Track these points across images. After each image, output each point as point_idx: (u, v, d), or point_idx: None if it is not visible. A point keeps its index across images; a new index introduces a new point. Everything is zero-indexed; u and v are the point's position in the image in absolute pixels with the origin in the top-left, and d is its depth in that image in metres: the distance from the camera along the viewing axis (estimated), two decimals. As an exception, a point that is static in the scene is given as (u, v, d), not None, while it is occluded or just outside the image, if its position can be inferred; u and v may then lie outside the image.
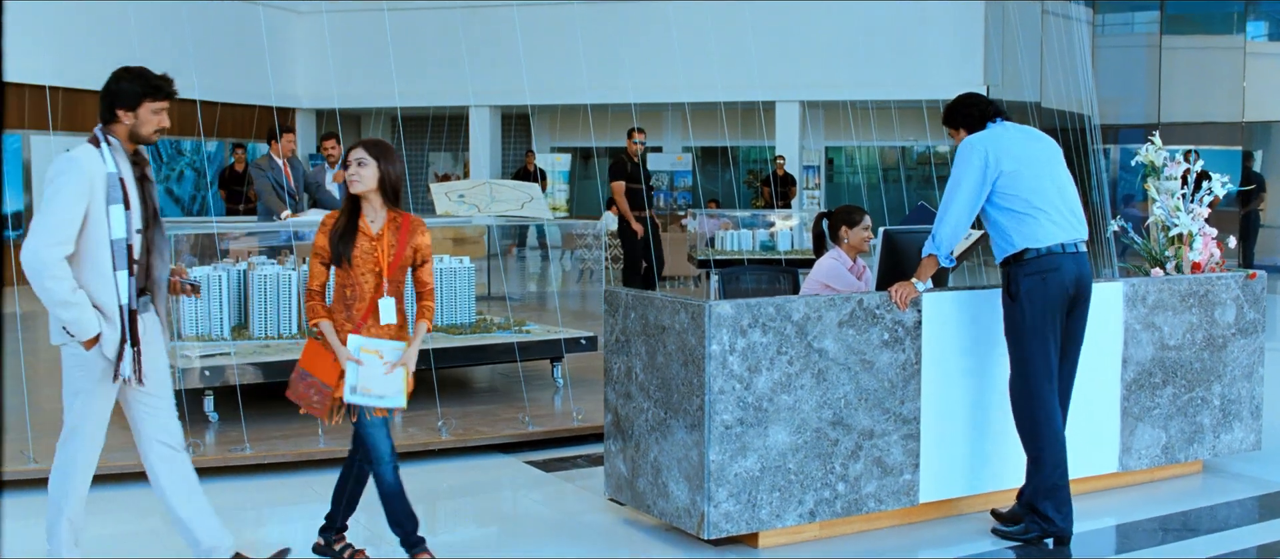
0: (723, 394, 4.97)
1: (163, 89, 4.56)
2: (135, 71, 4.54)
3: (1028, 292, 5.25)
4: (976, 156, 5.29)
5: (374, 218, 4.75)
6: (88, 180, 4.38)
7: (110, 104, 4.52)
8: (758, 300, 5.05)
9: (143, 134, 4.54)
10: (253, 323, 8.10)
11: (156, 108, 4.54)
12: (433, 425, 7.24)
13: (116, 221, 4.43)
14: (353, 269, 4.69)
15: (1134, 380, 6.15)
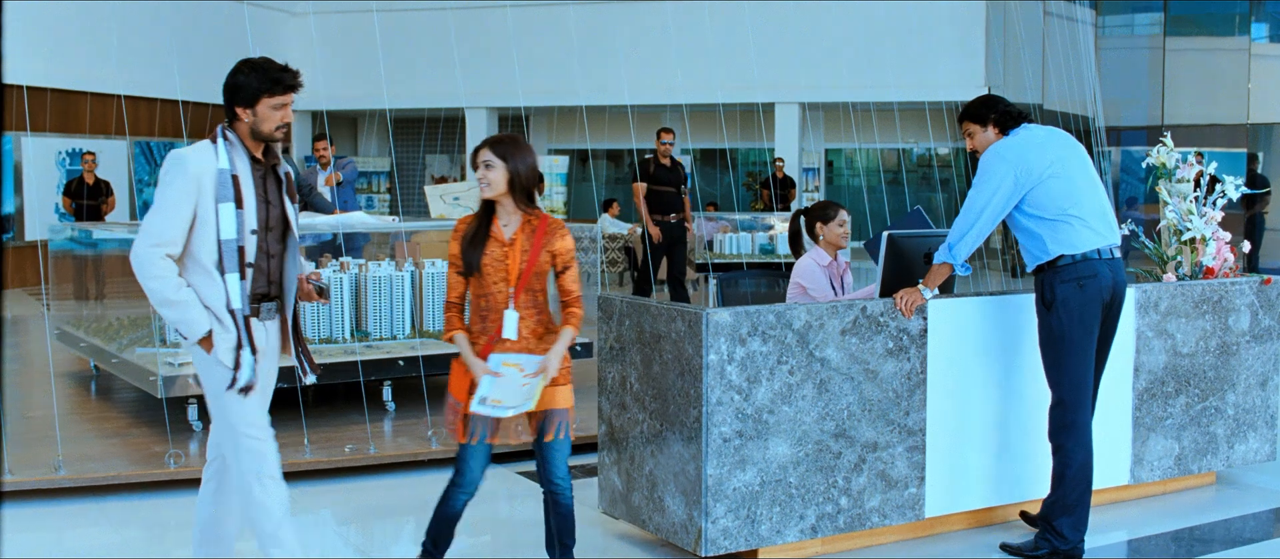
0: (721, 405, 4.77)
1: (283, 82, 4.21)
2: (254, 64, 4.22)
3: (1064, 300, 5.09)
4: (1008, 168, 5.12)
5: (507, 221, 4.36)
6: (194, 178, 4.10)
7: (230, 100, 4.23)
8: (757, 308, 4.85)
9: (264, 131, 4.22)
10: (239, 329, 7.90)
11: (276, 103, 4.21)
12: (422, 435, 7.04)
13: (226, 221, 4.13)
14: (484, 278, 4.32)
15: (1146, 389, 5.95)
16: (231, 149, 4.20)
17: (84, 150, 16.21)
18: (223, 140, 4.20)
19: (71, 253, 10.75)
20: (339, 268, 8.33)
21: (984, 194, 5.12)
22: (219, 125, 4.26)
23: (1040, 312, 5.20)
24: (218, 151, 4.16)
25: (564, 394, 4.43)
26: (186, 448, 6.79)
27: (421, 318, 8.41)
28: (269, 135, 4.23)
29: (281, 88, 4.20)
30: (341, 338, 8.01)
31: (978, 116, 5.32)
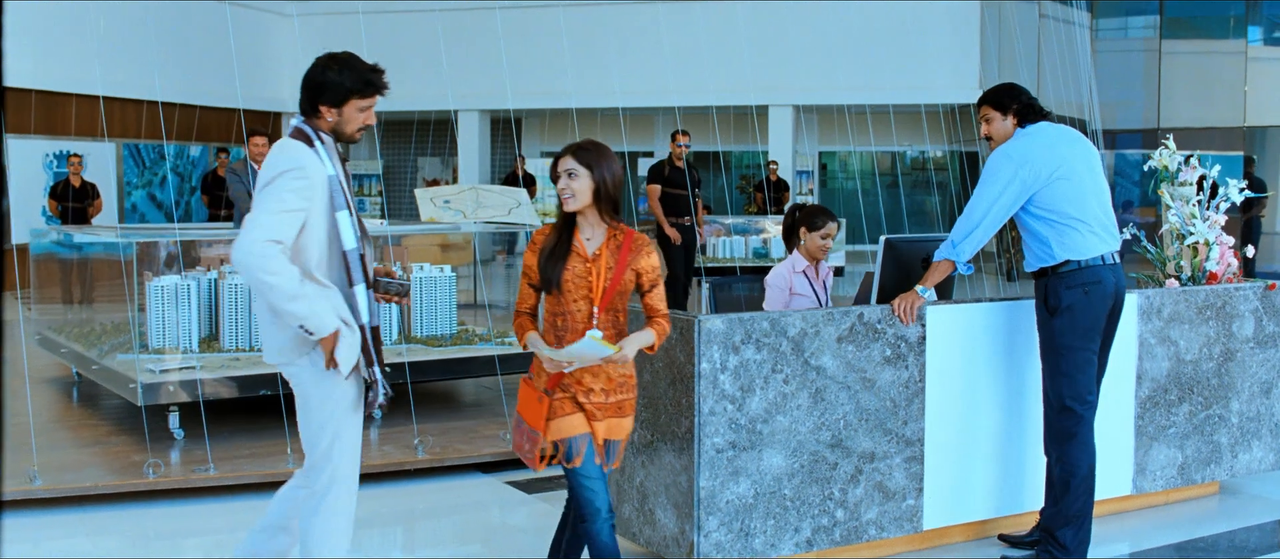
0: (713, 416, 4.62)
1: (374, 84, 4.01)
2: (344, 61, 3.98)
3: (1069, 306, 4.98)
4: (1015, 169, 4.98)
5: (591, 235, 4.02)
6: (313, 183, 3.86)
7: (313, 98, 3.98)
8: (751, 315, 4.71)
9: (345, 133, 4.04)
10: (223, 334, 7.74)
11: (363, 106, 4.02)
12: (409, 443, 6.88)
13: (346, 229, 3.91)
14: (564, 295, 3.99)
15: (1149, 397, 5.81)
16: (328, 151, 3.98)
17: (71, 152, 16.03)
18: (319, 143, 3.96)
19: (56, 256, 10.59)
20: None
21: (990, 193, 4.98)
22: (296, 121, 4.01)
23: (1041, 317, 5.08)
24: (321, 155, 3.93)
25: (630, 424, 4.18)
26: (167, 457, 6.64)
27: (408, 323, 8.26)
28: (351, 138, 4.05)
29: (372, 90, 4.02)
30: (327, 344, 7.84)
31: (999, 103, 5.16)
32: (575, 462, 4.01)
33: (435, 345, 8.00)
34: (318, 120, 4.00)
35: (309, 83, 3.98)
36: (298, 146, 3.89)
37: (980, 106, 5.23)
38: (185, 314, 7.61)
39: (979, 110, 5.25)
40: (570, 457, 4.01)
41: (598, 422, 4.05)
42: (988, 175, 5.02)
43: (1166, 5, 17.69)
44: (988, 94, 5.21)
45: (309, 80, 3.98)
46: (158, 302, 7.54)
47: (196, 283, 7.82)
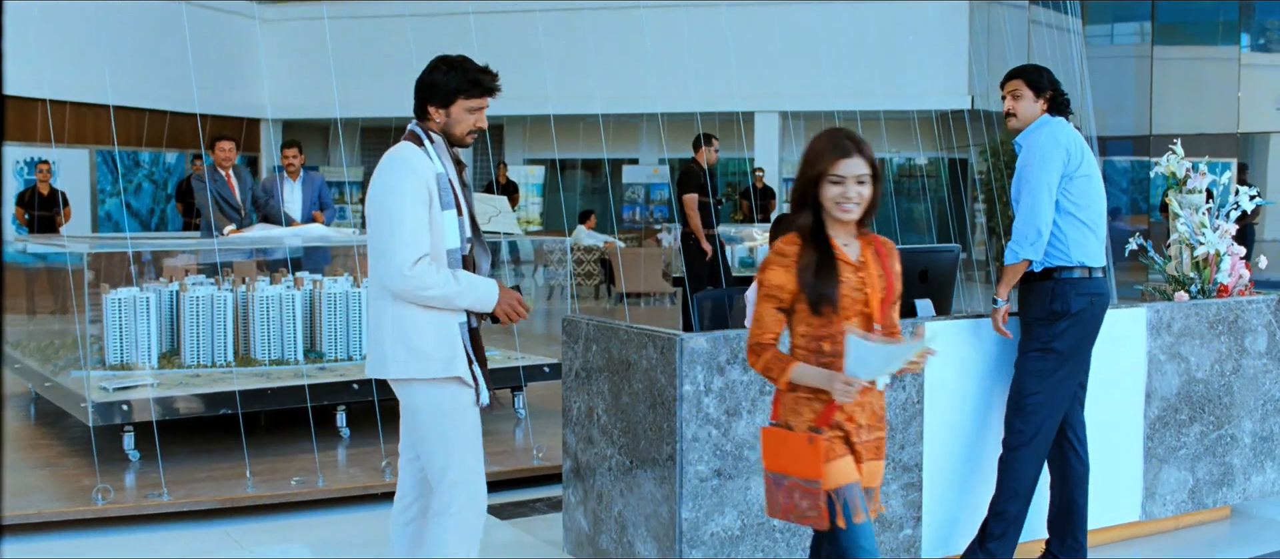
0: (697, 441, 4.28)
1: (481, 84, 3.96)
2: (452, 62, 3.96)
3: (1079, 314, 4.70)
4: (1060, 147, 4.72)
5: (846, 242, 3.47)
6: (422, 180, 3.84)
7: (423, 99, 3.97)
8: (737, 333, 4.37)
9: (456, 134, 3.98)
10: (184, 349, 7.38)
11: (472, 106, 3.96)
12: (376, 466, 6.52)
13: (451, 228, 3.89)
14: (836, 314, 3.40)
15: (1158, 417, 5.48)
16: (439, 151, 3.96)
17: (40, 159, 15.64)
18: (428, 142, 3.94)
19: (19, 267, 10.20)
20: (293, 284, 7.82)
21: (1045, 178, 4.66)
22: (412, 124, 3.99)
23: (1040, 320, 4.73)
24: (430, 154, 3.92)
25: (882, 468, 3.59)
26: (121, 480, 6.27)
27: (380, 337, 7.89)
28: (461, 139, 4.00)
29: (480, 90, 3.96)
30: (293, 359, 7.49)
31: (1035, 83, 4.82)
32: (857, 517, 3.35)
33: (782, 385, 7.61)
34: (428, 123, 3.99)
35: (419, 84, 3.99)
36: (404, 147, 3.92)
37: (1011, 79, 4.86)
38: (143, 328, 7.25)
39: (1007, 83, 4.88)
40: (850, 511, 3.35)
41: (862, 463, 3.46)
42: (1038, 158, 4.69)
43: (1159, 11, 17.44)
44: (1025, 69, 4.86)
45: (419, 82, 3.99)
46: (114, 315, 7.17)
47: (156, 295, 7.46)
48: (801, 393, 3.42)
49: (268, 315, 7.46)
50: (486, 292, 3.91)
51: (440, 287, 3.80)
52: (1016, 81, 4.84)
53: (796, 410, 3.43)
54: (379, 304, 3.91)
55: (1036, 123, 4.81)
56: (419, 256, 3.77)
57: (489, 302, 3.91)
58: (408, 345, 3.86)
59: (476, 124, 3.99)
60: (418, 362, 3.87)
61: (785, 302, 3.42)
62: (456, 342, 3.89)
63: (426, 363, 3.87)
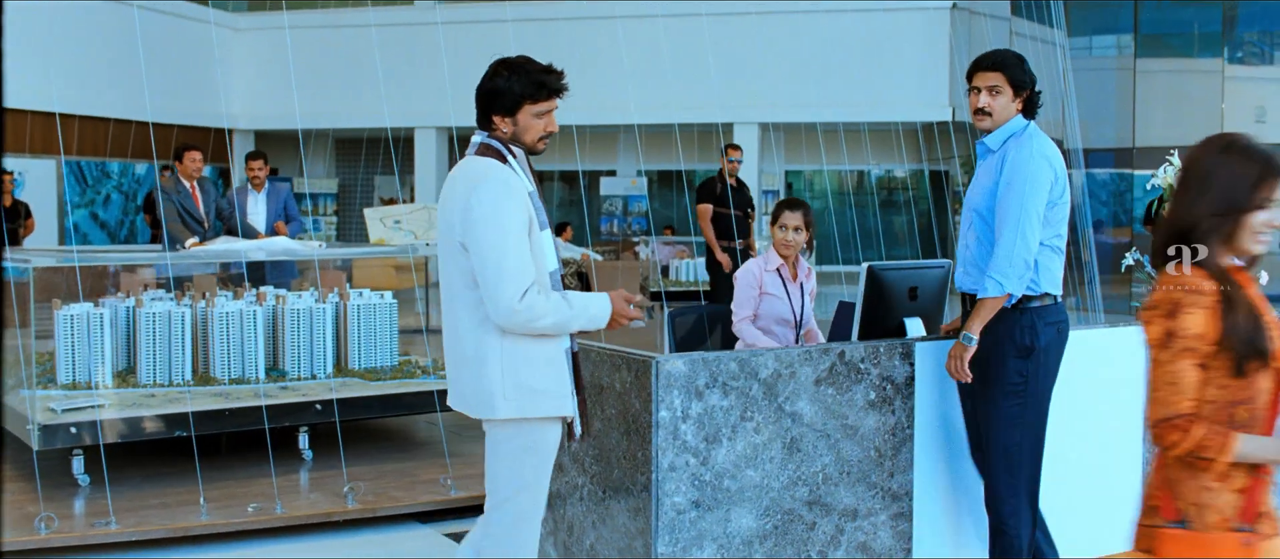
0: (674, 471, 4.01)
1: (547, 86, 3.67)
2: (513, 65, 3.68)
3: (1047, 347, 4.28)
4: (1049, 168, 4.26)
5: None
6: (520, 203, 3.57)
7: (486, 108, 3.68)
8: (717, 355, 4.10)
9: (526, 143, 3.70)
10: (140, 368, 7.07)
11: (540, 111, 3.68)
12: (338, 491, 6.22)
13: (549, 249, 3.65)
14: (1264, 371, 2.78)
15: (1157, 441, 5.23)
16: (522, 165, 3.70)
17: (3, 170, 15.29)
18: (511, 157, 3.66)
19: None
20: (255, 298, 7.52)
21: (1033, 197, 4.18)
22: (478, 135, 3.71)
23: (1011, 355, 4.27)
24: (516, 169, 3.64)
25: None
26: (68, 507, 5.96)
27: (345, 355, 7.60)
28: (532, 147, 3.71)
29: (546, 92, 3.67)
30: (255, 377, 7.18)
31: (1016, 79, 4.29)
32: None
33: (373, 379, 7.34)
34: (496, 132, 3.70)
35: (480, 92, 3.71)
36: (489, 165, 3.60)
37: (990, 70, 4.28)
38: (97, 346, 6.93)
39: (984, 75, 4.29)
40: None
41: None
42: (1029, 181, 4.20)
43: (1141, 23, 17.30)
44: (1006, 59, 4.29)
45: (480, 89, 3.71)
46: (67, 332, 6.86)
47: (112, 311, 7.16)
48: (1212, 474, 2.75)
49: (227, 332, 7.16)
50: (599, 308, 3.66)
51: (553, 314, 3.55)
52: (997, 75, 4.27)
53: (1204, 500, 2.75)
54: (484, 338, 3.59)
55: (1018, 131, 4.32)
56: (526, 288, 3.50)
57: (603, 317, 3.66)
58: (519, 383, 3.58)
59: (547, 129, 3.71)
60: (531, 400, 3.60)
61: (1213, 356, 2.75)
62: (566, 377, 3.65)
63: (540, 400, 3.61)
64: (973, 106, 4.30)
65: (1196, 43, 17.44)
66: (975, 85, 4.32)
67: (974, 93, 4.32)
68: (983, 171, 4.38)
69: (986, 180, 4.34)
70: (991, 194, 4.31)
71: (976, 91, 4.31)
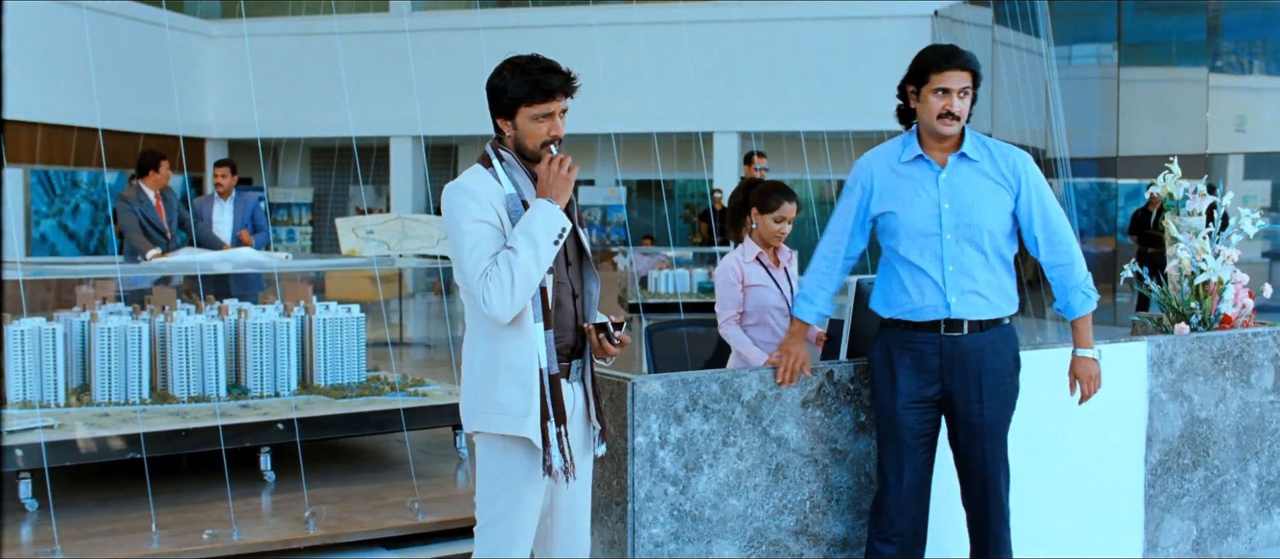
0: (651, 501, 3.73)
1: (543, 86, 3.37)
2: (517, 63, 3.42)
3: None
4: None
5: None
6: (480, 201, 3.32)
7: (491, 111, 3.47)
8: (697, 375, 3.83)
9: (528, 148, 3.42)
10: (95, 386, 6.75)
11: (538, 113, 3.38)
12: (299, 515, 5.91)
13: None
14: None
15: (1160, 462, 4.99)
16: (511, 170, 3.43)
17: (-34, 179, 14.94)
18: (496, 161, 3.42)
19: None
20: (217, 312, 7.21)
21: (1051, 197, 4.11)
22: (487, 145, 3.49)
23: (1006, 374, 4.05)
24: (498, 174, 3.40)
25: None
26: (16, 535, 5.65)
27: (310, 371, 7.30)
28: (534, 154, 3.41)
29: (541, 93, 3.37)
30: (216, 395, 6.88)
31: (978, 82, 4.03)
32: None
33: (339, 397, 7.03)
34: (503, 139, 3.49)
35: (487, 93, 3.48)
36: (465, 174, 3.43)
37: (962, 69, 3.95)
38: (49, 363, 6.62)
39: (958, 74, 3.94)
40: None
41: None
42: (1045, 187, 4.10)
43: (1125, 32, 17.13)
44: (975, 60, 4.00)
45: (486, 90, 3.48)
46: (16, 348, 6.55)
47: (65, 326, 6.85)
48: None
49: (187, 348, 6.85)
50: (541, 214, 3.28)
51: (507, 272, 3.23)
52: (969, 76, 3.96)
53: None
54: (471, 346, 3.45)
55: (980, 137, 4.07)
56: (484, 271, 3.28)
57: (555, 224, 3.28)
58: (486, 396, 3.39)
59: (550, 133, 3.40)
60: (490, 415, 3.40)
61: None
62: (532, 396, 3.35)
63: (496, 416, 3.39)
64: (940, 108, 3.93)
65: (1181, 51, 17.29)
66: (944, 86, 3.94)
67: (942, 95, 3.94)
68: (966, 186, 3.99)
69: (990, 196, 3.99)
70: (1002, 212, 4.00)
71: (944, 93, 3.94)
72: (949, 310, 3.92)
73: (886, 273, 4.05)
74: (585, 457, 3.55)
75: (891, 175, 4.01)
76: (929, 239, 3.92)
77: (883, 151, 4.12)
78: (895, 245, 3.99)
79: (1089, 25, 17.90)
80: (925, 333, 3.93)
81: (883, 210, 4.01)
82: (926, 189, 3.96)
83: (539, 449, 3.36)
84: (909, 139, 4.06)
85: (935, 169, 3.98)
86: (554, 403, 3.37)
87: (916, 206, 3.94)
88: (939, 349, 3.92)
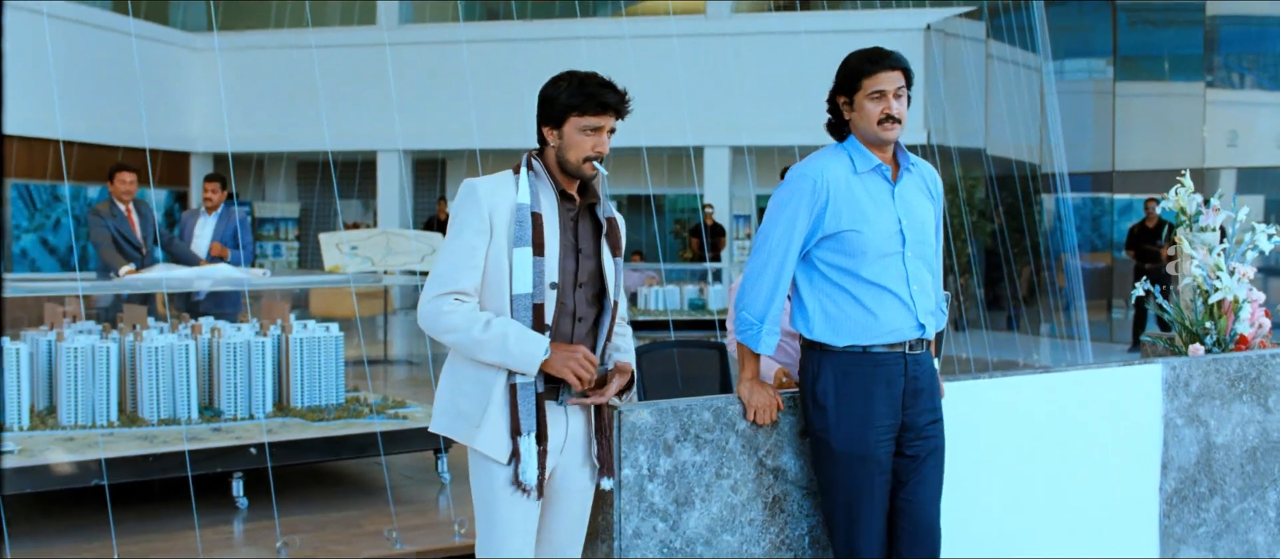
0: (640, 538, 3.47)
1: (597, 98, 3.30)
2: (575, 74, 3.37)
3: None
4: None
5: None
6: (485, 211, 3.27)
7: (538, 118, 3.41)
8: (688, 402, 3.57)
9: (570, 161, 3.33)
10: (61, 408, 6.48)
11: (588, 125, 3.29)
12: (271, 545, 5.64)
13: (520, 270, 3.26)
14: None
15: (1176, 491, 4.74)
16: (536, 181, 3.34)
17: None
18: (527, 170, 3.35)
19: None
20: (190, 331, 6.95)
21: None
22: (526, 153, 3.42)
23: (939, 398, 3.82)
24: (519, 183, 3.31)
25: None
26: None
27: (287, 392, 7.03)
28: (576, 167, 3.32)
29: (594, 105, 3.29)
30: (187, 417, 6.61)
31: (910, 80, 3.75)
32: None
33: (315, 419, 6.76)
34: (544, 150, 3.41)
35: (538, 101, 3.44)
36: (494, 175, 3.37)
37: (897, 69, 3.69)
38: (12, 384, 6.35)
39: (892, 73, 3.66)
40: None
41: None
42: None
43: (1120, 46, 16.96)
44: (904, 60, 3.74)
45: (538, 97, 3.44)
46: (-22, 369, 6.27)
47: (31, 345, 6.58)
48: None
49: (157, 368, 6.58)
50: (524, 351, 3.21)
51: (462, 330, 3.22)
52: (899, 74, 3.67)
53: None
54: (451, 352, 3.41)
55: (908, 153, 3.80)
56: (447, 292, 3.24)
57: (531, 362, 3.21)
58: (451, 402, 3.35)
59: (596, 149, 3.31)
60: (452, 421, 3.34)
61: None
62: (496, 408, 3.26)
63: (457, 423, 3.33)
64: (879, 113, 3.60)
65: (1176, 66, 17.12)
66: (878, 88, 3.62)
67: (878, 97, 3.62)
68: (914, 199, 3.71)
69: (928, 209, 3.75)
70: (934, 225, 3.78)
71: (880, 96, 3.62)
72: (922, 330, 3.66)
73: (830, 295, 3.62)
74: (582, 489, 3.41)
75: (848, 188, 3.64)
76: (891, 258, 3.62)
77: (831, 160, 3.71)
78: (851, 265, 3.59)
79: (1083, 39, 17.74)
80: (893, 355, 3.62)
81: (842, 227, 3.60)
82: (884, 203, 3.65)
83: (501, 462, 3.25)
84: (856, 147, 3.70)
85: (890, 182, 3.69)
86: (537, 419, 3.24)
87: (878, 222, 3.61)
88: (903, 371, 3.62)
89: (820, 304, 3.63)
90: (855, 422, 3.56)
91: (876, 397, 3.56)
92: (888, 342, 3.59)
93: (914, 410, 3.63)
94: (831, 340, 3.59)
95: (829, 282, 3.62)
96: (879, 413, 3.56)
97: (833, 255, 3.61)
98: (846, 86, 3.72)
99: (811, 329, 3.63)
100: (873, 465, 3.56)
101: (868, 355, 3.58)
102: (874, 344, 3.58)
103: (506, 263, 3.25)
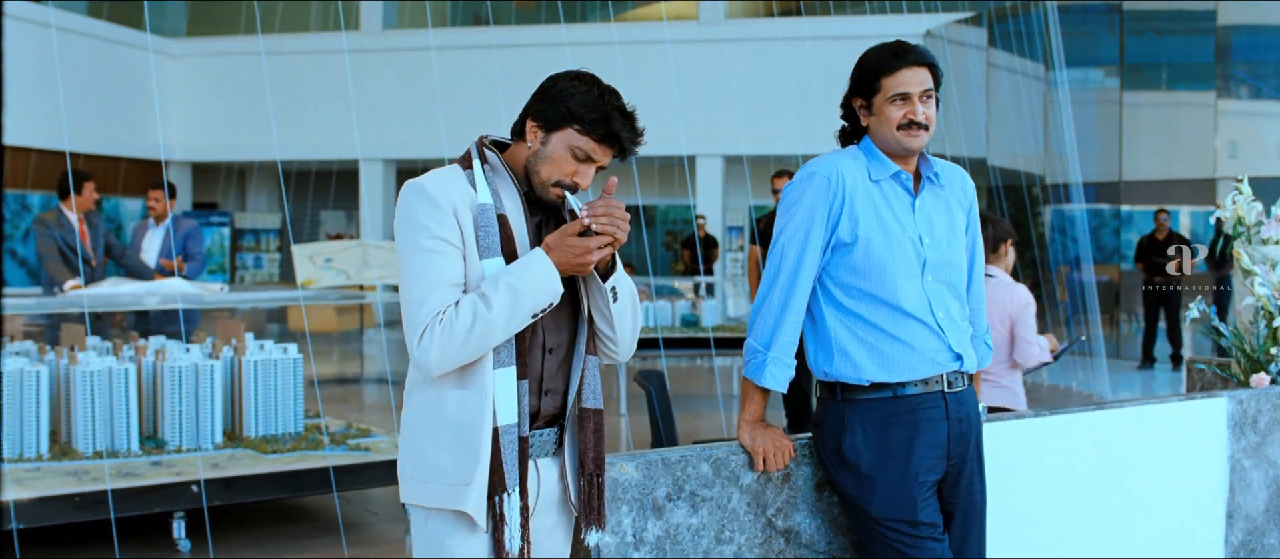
0: (622, 619, 2.85)
1: (609, 124, 2.67)
2: (601, 86, 2.72)
3: None
4: None
5: None
6: (439, 210, 2.59)
7: (528, 110, 2.74)
8: (683, 452, 2.95)
9: (540, 174, 2.68)
10: (77, 436, 5.88)
11: (582, 149, 2.66)
12: (209, 598, 5.02)
13: None
14: None
15: (1243, 542, 4.12)
16: (494, 176, 2.70)
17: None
18: (479, 162, 2.71)
19: None
20: (134, 352, 6.32)
21: None
22: (474, 143, 2.79)
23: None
24: (474, 180, 2.67)
25: None
26: None
27: (240, 419, 6.39)
28: (542, 186, 2.69)
29: (603, 132, 2.67)
30: (126, 449, 5.97)
31: (939, 80, 3.15)
32: None
33: (269, 450, 6.12)
34: (516, 146, 2.76)
35: (538, 90, 2.77)
36: (437, 171, 2.70)
37: (927, 67, 3.08)
38: None
39: (919, 69, 3.06)
40: None
41: None
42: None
43: (1127, 54, 16.45)
44: (931, 57, 3.13)
45: (540, 87, 2.78)
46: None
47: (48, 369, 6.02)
48: None
49: (92, 395, 5.94)
50: (538, 274, 2.56)
51: (471, 328, 2.53)
52: (926, 71, 3.08)
53: None
54: (409, 395, 2.72)
55: (938, 159, 3.23)
56: (425, 325, 2.54)
57: (549, 280, 2.57)
58: (422, 457, 2.63)
59: (574, 177, 2.68)
60: (422, 481, 2.63)
61: None
62: (477, 460, 2.57)
63: (429, 483, 2.62)
64: (901, 118, 3.04)
65: (1186, 75, 16.63)
66: (901, 90, 3.05)
67: (900, 101, 3.05)
68: (937, 215, 3.12)
69: (954, 226, 3.15)
70: (962, 245, 3.18)
71: (903, 99, 3.05)
72: (959, 361, 3.04)
73: (845, 322, 3.03)
74: (554, 553, 2.74)
75: (865, 194, 3.05)
76: (912, 280, 3.02)
77: (845, 162, 3.11)
78: (867, 285, 3.01)
79: (1087, 47, 17.24)
80: (931, 395, 3.02)
81: (857, 236, 3.01)
82: (903, 217, 3.05)
83: (481, 528, 2.57)
84: (873, 151, 3.10)
85: (911, 193, 3.09)
86: (520, 471, 2.59)
87: (896, 237, 3.03)
88: (945, 414, 3.02)
89: (834, 333, 3.02)
90: (895, 480, 2.93)
91: (918, 445, 2.94)
92: (922, 376, 2.97)
93: (959, 458, 3.01)
94: (852, 376, 2.98)
95: (842, 307, 3.02)
96: (923, 466, 2.94)
97: (845, 273, 3.02)
98: (863, 88, 3.10)
99: (827, 365, 3.01)
100: (924, 531, 2.93)
101: (901, 400, 2.95)
102: (906, 382, 2.96)
103: (476, 279, 2.61)
